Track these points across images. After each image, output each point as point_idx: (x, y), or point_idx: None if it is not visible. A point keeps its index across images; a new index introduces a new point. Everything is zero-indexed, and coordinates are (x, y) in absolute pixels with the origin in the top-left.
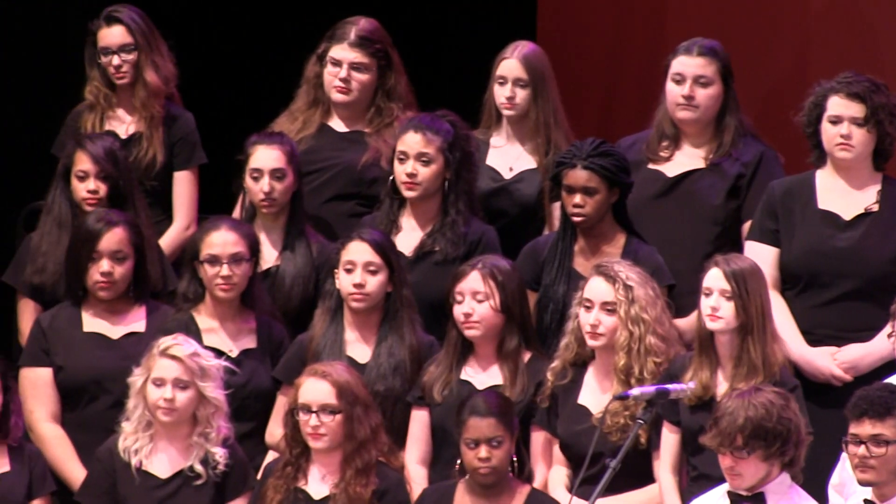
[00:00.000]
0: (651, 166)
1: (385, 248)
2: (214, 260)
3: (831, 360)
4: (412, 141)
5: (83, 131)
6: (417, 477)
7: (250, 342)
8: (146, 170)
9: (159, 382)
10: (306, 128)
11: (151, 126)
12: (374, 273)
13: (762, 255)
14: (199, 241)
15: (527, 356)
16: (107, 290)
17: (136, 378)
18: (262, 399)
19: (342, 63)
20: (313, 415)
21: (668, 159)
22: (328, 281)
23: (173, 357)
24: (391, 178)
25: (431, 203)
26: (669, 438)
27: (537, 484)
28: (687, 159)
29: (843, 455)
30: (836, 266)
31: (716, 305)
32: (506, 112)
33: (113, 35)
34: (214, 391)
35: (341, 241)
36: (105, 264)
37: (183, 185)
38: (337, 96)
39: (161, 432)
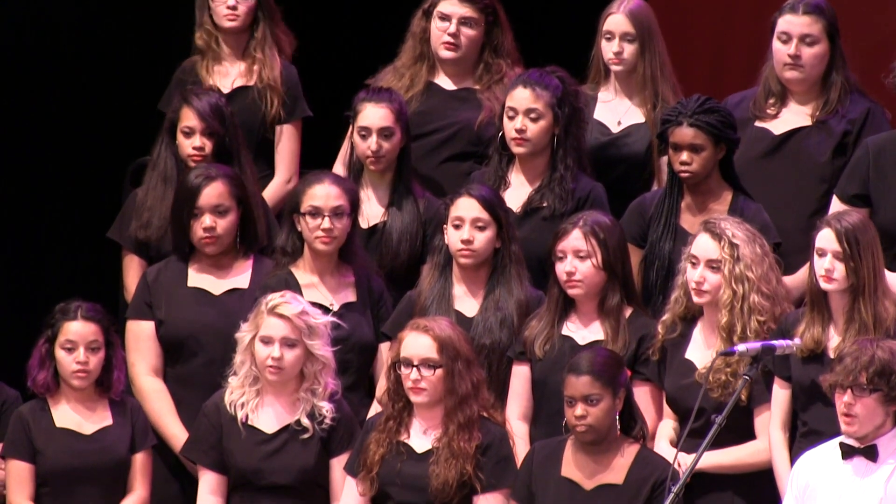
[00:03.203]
0: (758, 124)
1: (493, 204)
2: (316, 212)
3: None
4: (521, 96)
5: (199, 77)
6: (519, 432)
7: (350, 296)
8: (272, 121)
9: (267, 340)
10: (414, 86)
11: (273, 75)
12: (482, 229)
13: None
14: (300, 194)
15: (628, 312)
16: (211, 244)
17: (244, 334)
18: (364, 352)
19: (451, 18)
20: (414, 369)
21: (774, 117)
22: (437, 236)
23: (281, 315)
24: (500, 133)
25: (540, 159)
26: (780, 394)
27: None
28: (793, 117)
29: None
30: None
31: (830, 267)
32: (613, 67)
33: None
34: (322, 349)
35: (450, 197)
36: (207, 219)
37: (286, 139)
38: (445, 53)
39: (268, 388)
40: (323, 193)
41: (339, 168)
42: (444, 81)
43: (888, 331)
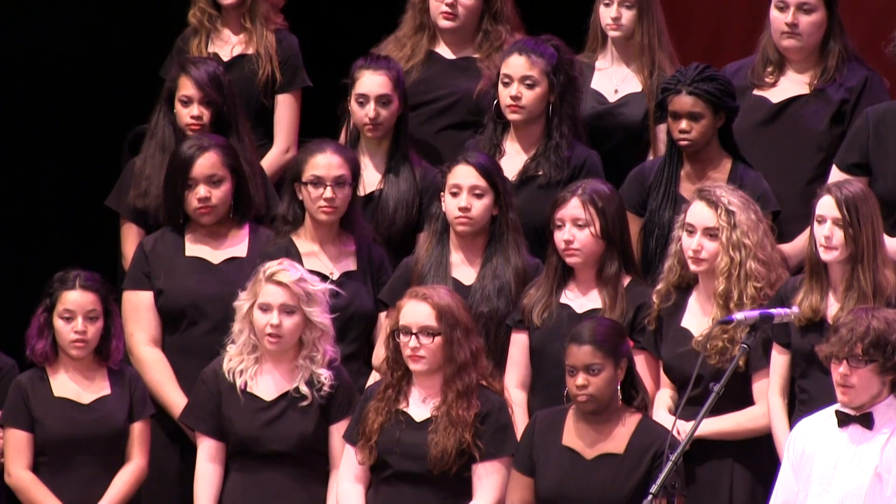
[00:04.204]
0: (756, 93)
1: (491, 172)
2: (318, 182)
3: None
4: (516, 64)
5: (189, 55)
6: (517, 400)
7: (350, 264)
8: (264, 89)
9: (266, 308)
10: (415, 55)
11: (267, 43)
12: (479, 196)
13: None
14: (302, 163)
15: (626, 280)
16: (207, 214)
17: (242, 302)
18: (363, 320)
19: None
20: (413, 336)
21: (772, 85)
22: (434, 204)
23: (279, 283)
24: (495, 101)
25: (535, 127)
26: (779, 361)
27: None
28: (791, 85)
29: None
30: None
31: (829, 234)
32: (611, 33)
33: None
34: (320, 316)
35: (447, 165)
36: (202, 190)
37: (285, 108)
38: (444, 23)
39: (266, 355)
40: (325, 163)
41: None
42: (445, 50)
43: (889, 299)
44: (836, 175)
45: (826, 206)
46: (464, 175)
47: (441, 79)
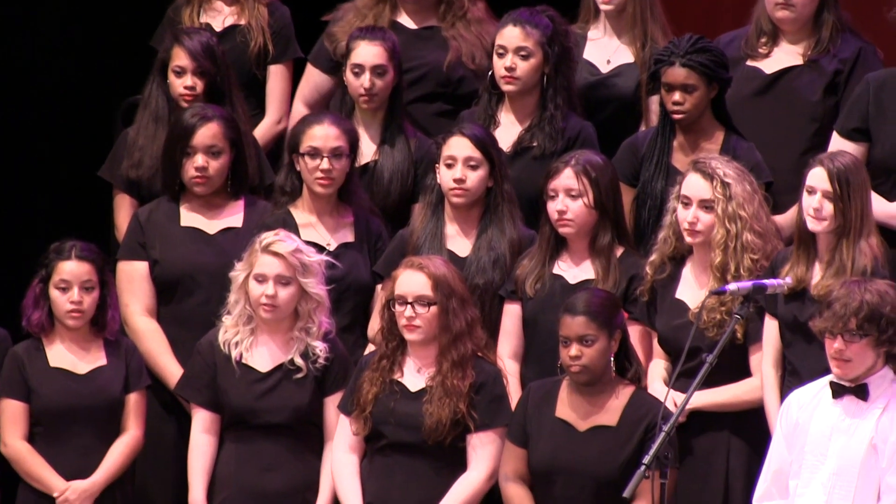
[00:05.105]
0: (749, 63)
1: (486, 143)
2: (315, 153)
3: None
4: (511, 35)
5: (181, 26)
6: (510, 370)
7: (348, 236)
8: (256, 60)
9: (261, 279)
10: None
11: (259, 14)
12: (474, 168)
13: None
14: (300, 134)
15: (619, 251)
16: (202, 185)
17: (238, 273)
18: (361, 292)
19: None
20: (408, 306)
21: (766, 56)
22: (429, 175)
23: (275, 253)
24: (490, 72)
25: (530, 98)
26: (770, 331)
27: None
28: (785, 56)
29: None
30: None
31: (818, 206)
32: (603, 7)
33: None
34: (316, 287)
35: (442, 136)
36: (199, 159)
37: (277, 79)
38: None
39: (262, 327)
40: (322, 134)
41: (298, 104)
42: (407, 21)
43: (865, 271)
44: (836, 141)
45: (817, 177)
46: (459, 146)
47: (407, 50)
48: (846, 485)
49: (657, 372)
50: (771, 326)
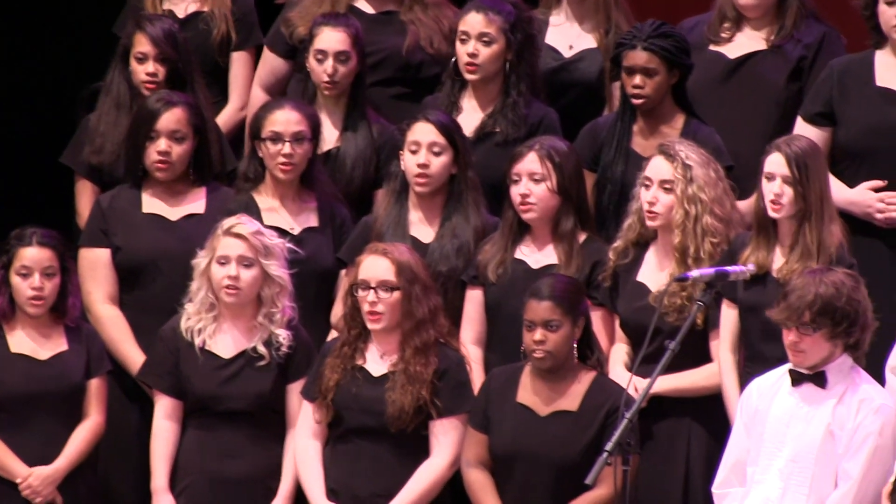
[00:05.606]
0: (713, 48)
1: (450, 129)
2: (277, 138)
3: (870, 194)
4: (474, 21)
5: (143, 12)
6: (473, 356)
7: (312, 220)
8: (219, 47)
9: (224, 261)
10: (334, 10)
11: (222, 1)
12: (438, 154)
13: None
14: (261, 119)
15: (582, 237)
16: (164, 171)
17: (201, 259)
18: (324, 277)
19: None
20: (371, 291)
21: (729, 41)
22: (393, 162)
23: (237, 235)
24: (453, 59)
25: (492, 85)
26: (728, 317)
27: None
28: (748, 41)
29: None
30: (895, 142)
31: (779, 192)
32: None
33: None
34: (279, 270)
35: (407, 122)
36: (163, 143)
37: (239, 66)
38: None
39: (225, 313)
40: (283, 119)
41: (256, 89)
42: (364, 5)
43: (830, 257)
44: (800, 126)
45: (775, 162)
46: (423, 132)
47: (366, 35)
48: (803, 471)
49: (618, 356)
50: (728, 311)
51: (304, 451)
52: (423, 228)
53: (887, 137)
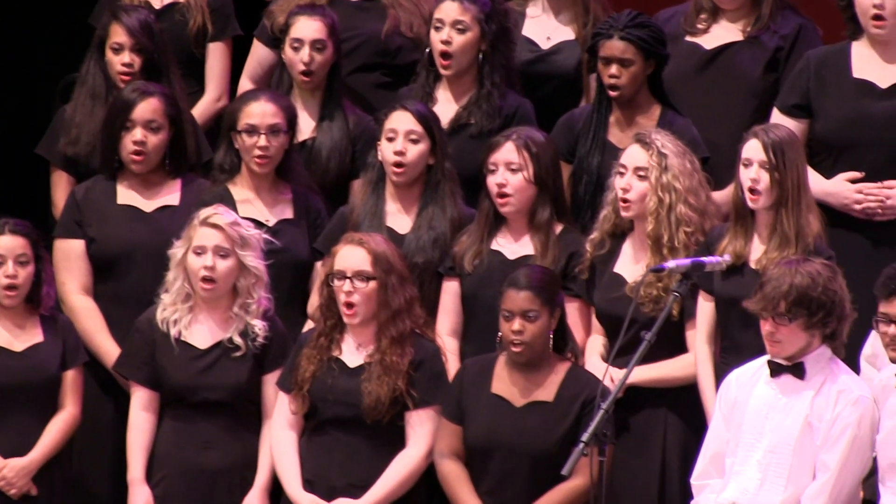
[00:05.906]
0: (689, 39)
1: (428, 119)
2: (252, 130)
3: (848, 185)
4: (449, 9)
5: (119, 3)
6: (449, 347)
7: (287, 212)
8: (195, 38)
9: (200, 251)
10: None
11: None
12: (415, 142)
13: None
14: (237, 111)
15: (558, 228)
16: (140, 162)
17: (177, 250)
18: (300, 268)
19: None
20: (347, 280)
21: (705, 32)
22: (370, 153)
23: (214, 226)
24: (427, 49)
25: (467, 76)
26: (704, 307)
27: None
28: (725, 32)
29: None
30: (872, 134)
31: (756, 177)
32: None
33: None
34: (255, 260)
35: (384, 111)
36: (138, 133)
37: (216, 57)
38: None
39: (200, 304)
40: (259, 111)
41: (244, 80)
42: None
43: (808, 247)
44: (776, 117)
45: (753, 149)
46: (400, 120)
47: (346, 21)
48: (781, 462)
49: (595, 347)
50: (705, 302)
51: (280, 442)
52: (399, 219)
53: (864, 129)
